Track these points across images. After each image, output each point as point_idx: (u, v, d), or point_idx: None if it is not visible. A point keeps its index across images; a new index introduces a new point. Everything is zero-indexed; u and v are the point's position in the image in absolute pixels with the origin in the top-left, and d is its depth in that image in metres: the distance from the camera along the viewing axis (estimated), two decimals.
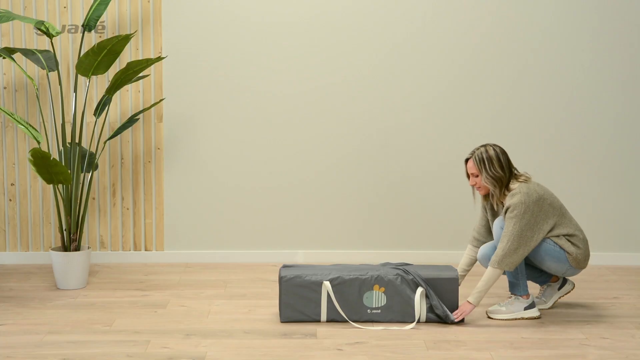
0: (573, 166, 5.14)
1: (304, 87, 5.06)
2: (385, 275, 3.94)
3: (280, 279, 3.94)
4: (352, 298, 3.93)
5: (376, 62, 5.04)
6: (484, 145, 4.01)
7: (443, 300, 3.96)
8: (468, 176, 4.06)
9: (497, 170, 3.94)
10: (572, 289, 4.23)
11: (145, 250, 5.16)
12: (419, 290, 3.92)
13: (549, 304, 4.21)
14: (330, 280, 3.93)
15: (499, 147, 4.00)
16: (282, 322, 3.95)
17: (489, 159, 3.95)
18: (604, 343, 3.71)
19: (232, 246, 5.19)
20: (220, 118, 5.07)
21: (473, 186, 4.05)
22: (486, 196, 4.10)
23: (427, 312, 3.94)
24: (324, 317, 3.94)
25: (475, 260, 4.21)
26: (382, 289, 3.93)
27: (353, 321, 3.94)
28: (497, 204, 4.06)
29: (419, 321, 3.94)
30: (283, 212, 5.16)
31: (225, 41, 5.02)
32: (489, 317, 4.04)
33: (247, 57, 5.03)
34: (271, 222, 5.17)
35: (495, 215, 4.14)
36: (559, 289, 4.21)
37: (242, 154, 5.11)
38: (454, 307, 3.96)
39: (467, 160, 4.03)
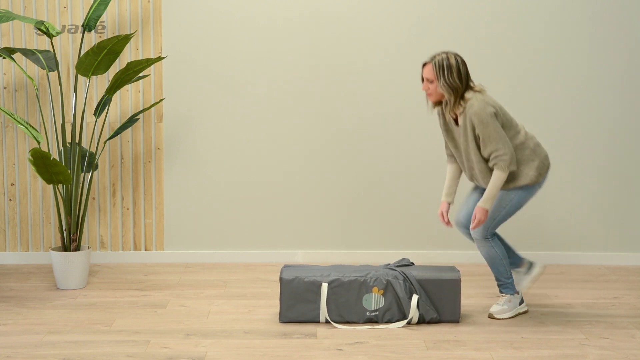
0: (573, 166, 5.14)
1: (304, 88, 5.06)
2: (384, 277, 3.94)
3: (281, 280, 3.95)
4: (352, 300, 3.93)
5: (376, 61, 5.04)
6: (446, 52, 3.90)
7: (444, 302, 3.95)
8: (422, 80, 3.94)
9: (455, 79, 3.85)
10: (542, 272, 4.23)
11: (145, 250, 5.16)
12: (415, 297, 3.92)
13: (520, 288, 4.20)
14: (329, 283, 3.93)
15: (461, 57, 3.91)
16: (281, 322, 3.96)
17: (449, 66, 3.85)
18: (604, 343, 3.71)
19: (232, 246, 5.19)
20: (220, 118, 5.07)
21: (425, 92, 3.94)
22: (437, 104, 3.98)
23: (419, 316, 3.95)
24: (322, 318, 3.94)
25: (459, 172, 4.13)
26: (381, 291, 3.93)
27: (352, 323, 3.95)
28: (448, 113, 3.93)
29: (410, 323, 3.95)
30: (283, 212, 5.16)
31: (225, 41, 5.02)
32: (495, 318, 4.04)
33: (247, 57, 5.03)
34: (271, 222, 5.17)
35: (449, 132, 4.02)
36: (526, 274, 4.21)
37: (242, 154, 5.11)
38: (454, 308, 3.96)
39: (424, 65, 3.91)
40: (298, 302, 3.93)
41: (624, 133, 5.12)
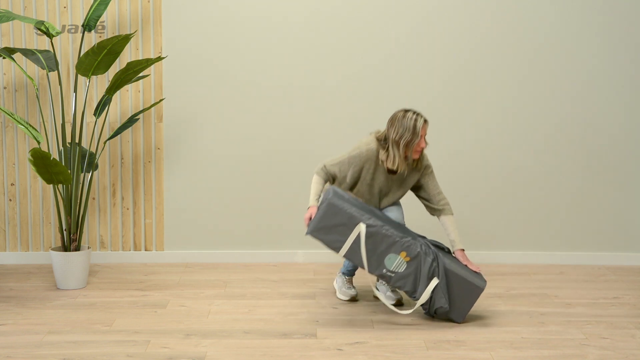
0: (573, 166, 5.14)
1: (305, 87, 5.06)
2: (417, 247, 3.91)
3: (326, 199, 3.88)
4: (378, 252, 3.89)
5: (377, 61, 5.04)
6: (409, 109, 4.03)
7: (458, 301, 3.94)
8: (420, 138, 4.01)
9: None
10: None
11: (145, 250, 5.16)
12: (435, 280, 3.91)
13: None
14: (367, 225, 3.88)
15: None
16: (307, 234, 3.92)
17: None
18: (604, 343, 3.71)
19: (232, 246, 5.19)
20: (220, 118, 5.07)
21: (420, 150, 4.05)
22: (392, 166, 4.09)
23: (427, 300, 3.94)
24: (343, 252, 3.89)
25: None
26: (408, 258, 3.91)
27: (368, 272, 3.92)
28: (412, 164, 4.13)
29: (415, 302, 3.93)
30: (283, 212, 5.16)
31: (226, 41, 5.02)
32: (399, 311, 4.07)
33: (248, 57, 5.04)
34: (271, 222, 5.17)
35: (373, 178, 4.12)
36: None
37: (242, 154, 5.11)
38: (463, 311, 3.95)
39: (426, 122, 4.04)
40: (331, 227, 3.87)
41: (624, 133, 5.12)
